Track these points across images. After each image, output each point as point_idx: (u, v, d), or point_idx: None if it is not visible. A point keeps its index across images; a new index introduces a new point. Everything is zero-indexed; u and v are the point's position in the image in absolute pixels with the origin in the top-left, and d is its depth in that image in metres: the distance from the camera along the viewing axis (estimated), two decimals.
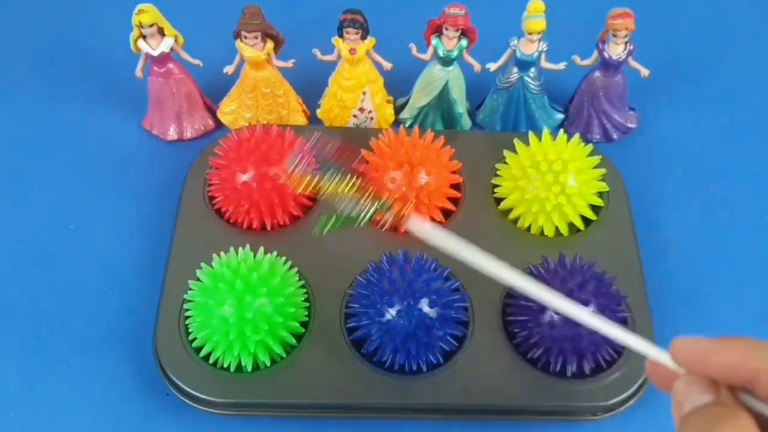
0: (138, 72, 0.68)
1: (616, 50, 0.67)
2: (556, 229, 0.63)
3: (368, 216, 0.49)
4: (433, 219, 0.63)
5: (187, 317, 0.56)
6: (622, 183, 0.66)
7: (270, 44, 0.66)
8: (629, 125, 0.73)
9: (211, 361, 0.55)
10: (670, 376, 0.36)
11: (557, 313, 0.53)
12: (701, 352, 0.36)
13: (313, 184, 0.50)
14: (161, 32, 0.66)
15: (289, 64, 0.69)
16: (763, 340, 0.35)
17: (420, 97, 0.71)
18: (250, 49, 0.66)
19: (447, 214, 0.64)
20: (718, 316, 0.62)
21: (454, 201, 0.64)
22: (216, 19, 0.71)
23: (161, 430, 0.56)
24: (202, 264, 0.56)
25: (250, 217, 0.62)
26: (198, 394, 0.54)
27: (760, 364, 0.33)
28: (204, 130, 0.72)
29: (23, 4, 0.83)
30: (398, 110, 0.73)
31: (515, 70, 0.68)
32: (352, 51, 0.66)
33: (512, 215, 0.64)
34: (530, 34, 0.65)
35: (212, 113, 0.73)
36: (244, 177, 0.60)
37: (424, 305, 0.53)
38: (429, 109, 0.71)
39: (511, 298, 0.58)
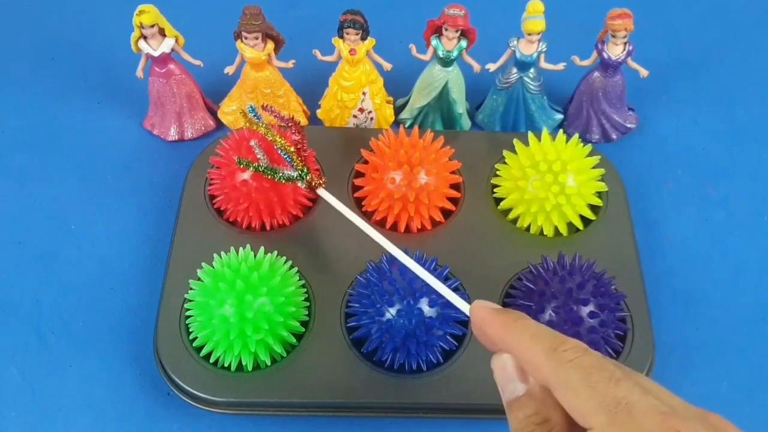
0: (139, 72, 0.69)
1: (615, 51, 0.67)
2: (556, 228, 0.63)
3: (282, 175, 0.57)
4: (432, 219, 0.63)
5: (188, 317, 0.56)
6: (621, 183, 0.66)
7: (270, 45, 0.67)
8: (628, 125, 0.73)
9: (211, 360, 0.55)
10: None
11: (557, 312, 0.53)
12: (479, 321, 0.38)
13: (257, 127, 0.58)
14: (162, 33, 0.66)
15: (290, 64, 0.69)
16: (523, 316, 0.37)
17: (420, 97, 0.71)
18: (251, 49, 0.66)
19: (447, 214, 0.64)
20: (717, 315, 0.62)
21: (454, 201, 0.64)
22: (216, 20, 0.71)
23: (162, 430, 0.56)
24: (203, 264, 0.56)
25: (250, 215, 0.62)
26: (199, 394, 0.54)
27: (513, 338, 0.36)
28: (205, 131, 0.73)
29: (24, 5, 0.83)
30: (398, 111, 0.74)
31: (515, 70, 0.69)
32: (353, 52, 0.66)
33: (512, 215, 0.64)
34: (530, 34, 0.65)
35: (213, 113, 0.73)
36: (244, 175, 0.60)
37: (424, 305, 0.53)
38: (429, 109, 0.72)
39: (511, 297, 0.58)
